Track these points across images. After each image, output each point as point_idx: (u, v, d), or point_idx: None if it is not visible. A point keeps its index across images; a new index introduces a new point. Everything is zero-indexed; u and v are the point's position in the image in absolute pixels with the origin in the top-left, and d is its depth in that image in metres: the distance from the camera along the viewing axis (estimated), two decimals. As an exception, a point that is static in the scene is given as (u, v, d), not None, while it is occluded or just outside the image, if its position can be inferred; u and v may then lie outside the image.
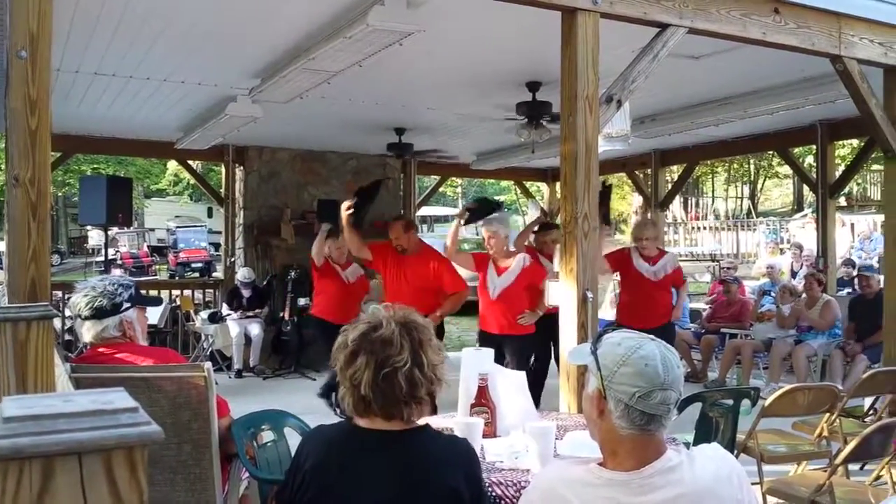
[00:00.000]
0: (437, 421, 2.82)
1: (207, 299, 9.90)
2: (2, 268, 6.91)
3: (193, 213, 30.23)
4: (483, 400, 2.73)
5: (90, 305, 2.78)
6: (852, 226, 16.91)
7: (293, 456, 1.92)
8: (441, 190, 20.79)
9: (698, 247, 20.95)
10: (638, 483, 1.56)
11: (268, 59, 5.34)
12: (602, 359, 1.60)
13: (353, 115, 7.31)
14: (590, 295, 3.68)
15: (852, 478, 3.88)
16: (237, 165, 9.50)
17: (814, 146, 8.66)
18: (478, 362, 2.84)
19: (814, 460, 4.05)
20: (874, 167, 19.25)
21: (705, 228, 22.54)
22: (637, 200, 18.95)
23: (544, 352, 5.99)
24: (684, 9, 3.96)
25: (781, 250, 15.99)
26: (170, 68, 5.63)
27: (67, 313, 7.40)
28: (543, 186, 12.83)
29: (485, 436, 2.60)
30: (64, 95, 6.25)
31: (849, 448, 3.17)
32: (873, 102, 4.75)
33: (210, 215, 15.02)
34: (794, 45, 4.36)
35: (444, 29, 4.51)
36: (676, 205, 23.28)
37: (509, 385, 2.90)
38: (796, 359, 7.24)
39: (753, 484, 2.69)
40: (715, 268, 15.51)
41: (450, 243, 5.55)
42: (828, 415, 4.00)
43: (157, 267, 24.33)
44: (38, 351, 2.17)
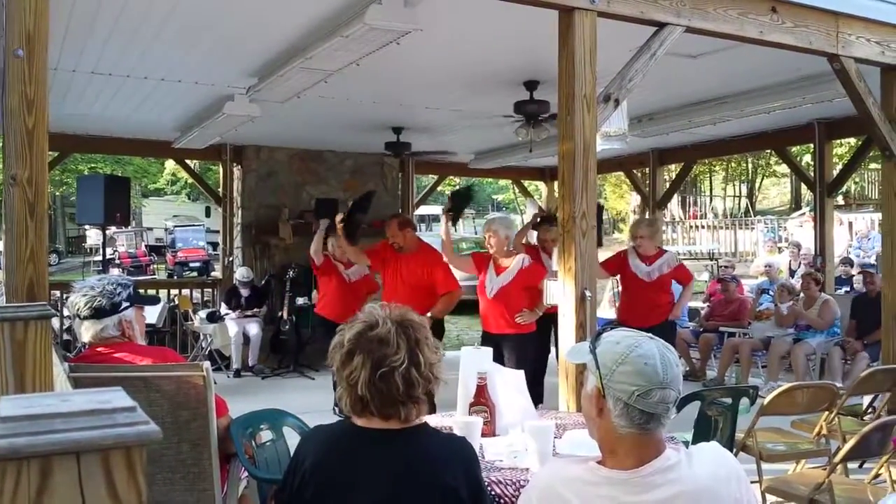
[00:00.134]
0: (435, 420, 2.82)
1: (206, 299, 9.89)
2: (0, 267, 6.89)
3: (191, 212, 30.19)
4: (482, 399, 2.73)
5: (89, 305, 2.76)
6: (850, 224, 16.92)
7: (292, 455, 1.92)
8: (439, 189, 20.79)
9: (696, 246, 20.93)
10: (637, 482, 1.56)
11: (265, 59, 5.33)
12: (601, 357, 1.60)
13: (351, 114, 7.30)
14: (588, 294, 3.68)
15: (851, 476, 3.89)
16: (235, 165, 9.50)
17: (811, 145, 8.68)
18: (477, 361, 2.83)
19: (813, 458, 4.05)
20: (872, 166, 19.25)
21: (703, 227, 22.52)
22: (635, 199, 18.96)
23: (542, 351, 5.99)
24: (682, 7, 3.96)
25: (779, 249, 15.98)
26: (167, 67, 5.62)
27: (66, 313, 7.39)
28: (541, 185, 12.83)
29: (484, 435, 2.60)
30: (61, 95, 6.25)
31: (848, 446, 3.17)
32: (870, 101, 4.75)
33: (208, 215, 14.96)
34: (791, 44, 4.36)
35: (442, 28, 4.51)
36: (674, 204, 23.30)
37: (508, 384, 2.90)
38: (795, 357, 7.25)
39: (752, 482, 2.69)
40: (713, 266, 15.51)
41: (446, 250, 5.56)
42: (827, 413, 4.00)
43: (156, 266, 24.36)
44: (36, 351, 2.17)
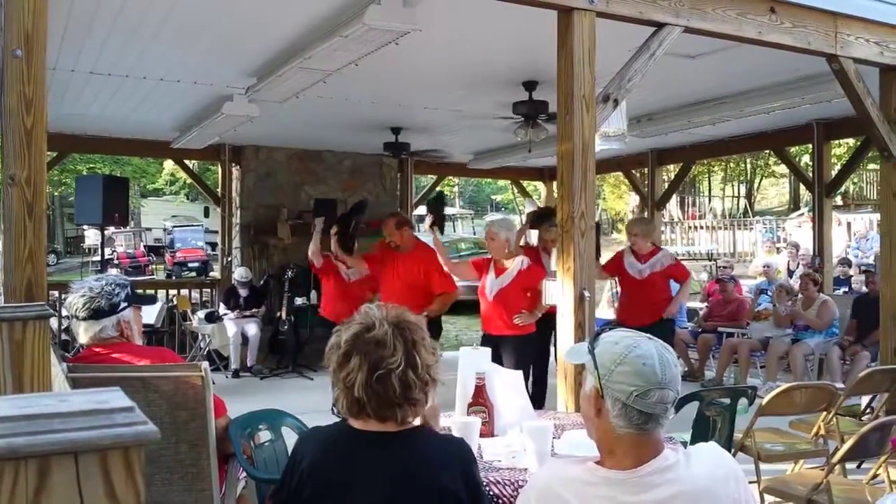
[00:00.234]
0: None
1: (204, 299, 9.88)
2: (-2, 268, 6.87)
3: (190, 212, 30.17)
4: (480, 399, 2.73)
5: (87, 306, 2.75)
6: (849, 225, 16.95)
7: (289, 456, 1.91)
8: (438, 189, 20.83)
9: (695, 246, 20.97)
10: (635, 482, 1.56)
11: (264, 59, 5.33)
12: (599, 358, 1.60)
13: (350, 114, 7.30)
14: (587, 294, 3.68)
15: (849, 476, 3.90)
16: (234, 165, 9.49)
17: (810, 145, 8.69)
18: (475, 361, 2.83)
19: (811, 459, 4.04)
20: (870, 166, 19.25)
21: (702, 227, 22.56)
22: (634, 200, 18.97)
23: (542, 353, 5.99)
24: (680, 8, 3.96)
25: (778, 249, 16.00)
26: (166, 68, 5.62)
27: (64, 313, 7.38)
28: (540, 185, 12.83)
29: (482, 435, 2.60)
30: (60, 95, 6.24)
31: (846, 446, 3.17)
32: (869, 102, 4.75)
33: (206, 215, 15.01)
34: (790, 44, 4.36)
35: (441, 28, 4.51)
36: (673, 204, 23.33)
37: (507, 384, 2.90)
38: (793, 357, 7.25)
39: (751, 483, 2.69)
40: (712, 267, 15.53)
41: (443, 260, 5.55)
42: (825, 413, 4.00)
43: (154, 266, 24.33)
44: (34, 351, 2.16)
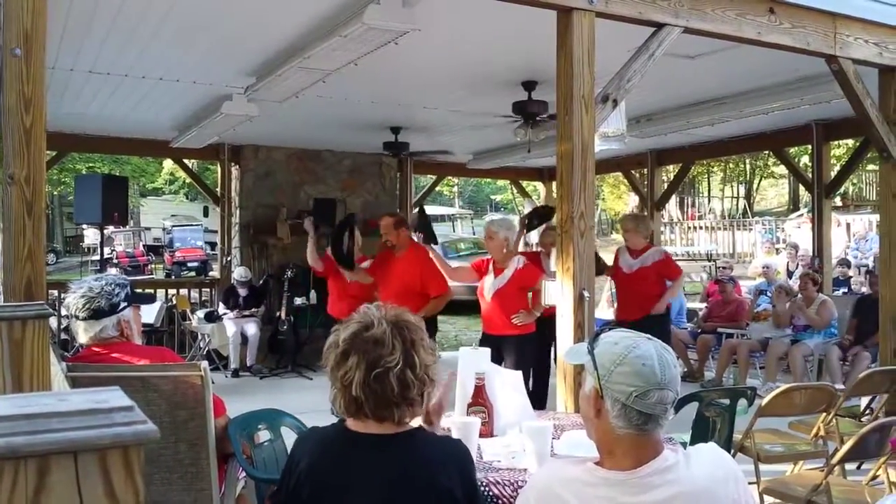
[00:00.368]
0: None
1: (204, 298, 9.88)
2: (-3, 267, 6.87)
3: (189, 211, 30.20)
4: (480, 399, 2.72)
5: (87, 306, 2.74)
6: (848, 226, 16.96)
7: (288, 457, 1.91)
8: (437, 189, 20.86)
9: (694, 246, 20.98)
10: (635, 482, 1.56)
11: (263, 58, 5.33)
12: (599, 358, 1.60)
13: (349, 114, 7.30)
14: (586, 294, 3.68)
15: (849, 477, 3.89)
16: (233, 164, 9.49)
17: (809, 146, 8.70)
18: (475, 361, 2.83)
19: (810, 460, 4.04)
20: (869, 167, 19.25)
21: (701, 228, 22.56)
22: (633, 200, 18.98)
23: (542, 354, 5.98)
24: (680, 8, 3.96)
25: (777, 250, 15.98)
26: (165, 67, 5.61)
27: (63, 312, 7.38)
28: (540, 186, 12.83)
29: (482, 435, 2.59)
30: (59, 94, 6.24)
31: (845, 448, 3.17)
32: (868, 103, 4.75)
33: (206, 214, 14.99)
34: (789, 44, 4.36)
35: (440, 28, 4.50)
36: (672, 204, 23.33)
37: (506, 384, 2.89)
38: (793, 358, 7.25)
39: (750, 483, 2.69)
40: (711, 267, 15.54)
41: (443, 269, 5.55)
42: (824, 414, 4.00)
43: (153, 266, 24.34)
44: (33, 350, 2.16)
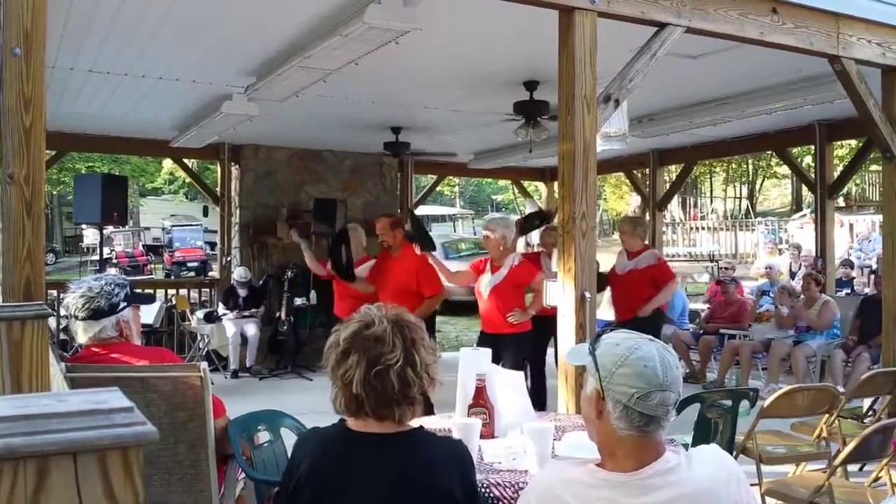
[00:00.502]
0: (434, 421, 2.81)
1: (203, 299, 9.87)
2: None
3: (189, 211, 30.22)
4: (481, 400, 2.71)
5: (87, 307, 2.73)
6: (851, 226, 16.94)
7: (288, 458, 1.91)
8: (438, 189, 20.88)
9: (697, 247, 20.99)
10: (636, 484, 1.56)
11: (263, 58, 5.32)
12: (600, 359, 1.60)
13: (350, 113, 7.29)
14: (588, 295, 3.67)
15: (851, 479, 3.88)
16: (233, 164, 9.48)
17: (812, 146, 8.68)
18: (475, 362, 2.82)
19: (813, 461, 4.04)
20: (872, 168, 19.28)
21: (704, 229, 22.55)
22: (635, 200, 18.98)
23: (538, 353, 5.99)
24: (682, 8, 3.95)
25: (780, 251, 15.97)
26: (165, 66, 5.61)
27: (62, 312, 7.38)
28: (541, 186, 12.83)
29: (482, 436, 2.59)
30: (58, 93, 6.24)
31: (848, 449, 3.16)
32: (871, 103, 4.75)
33: (206, 214, 14.97)
34: (791, 45, 4.35)
35: (441, 27, 4.50)
36: (675, 205, 23.34)
37: (507, 385, 2.89)
38: (795, 359, 7.24)
39: (752, 485, 2.68)
40: (713, 268, 15.54)
41: (444, 274, 5.55)
42: (827, 416, 3.99)
43: (153, 266, 24.35)
44: (32, 351, 2.16)
